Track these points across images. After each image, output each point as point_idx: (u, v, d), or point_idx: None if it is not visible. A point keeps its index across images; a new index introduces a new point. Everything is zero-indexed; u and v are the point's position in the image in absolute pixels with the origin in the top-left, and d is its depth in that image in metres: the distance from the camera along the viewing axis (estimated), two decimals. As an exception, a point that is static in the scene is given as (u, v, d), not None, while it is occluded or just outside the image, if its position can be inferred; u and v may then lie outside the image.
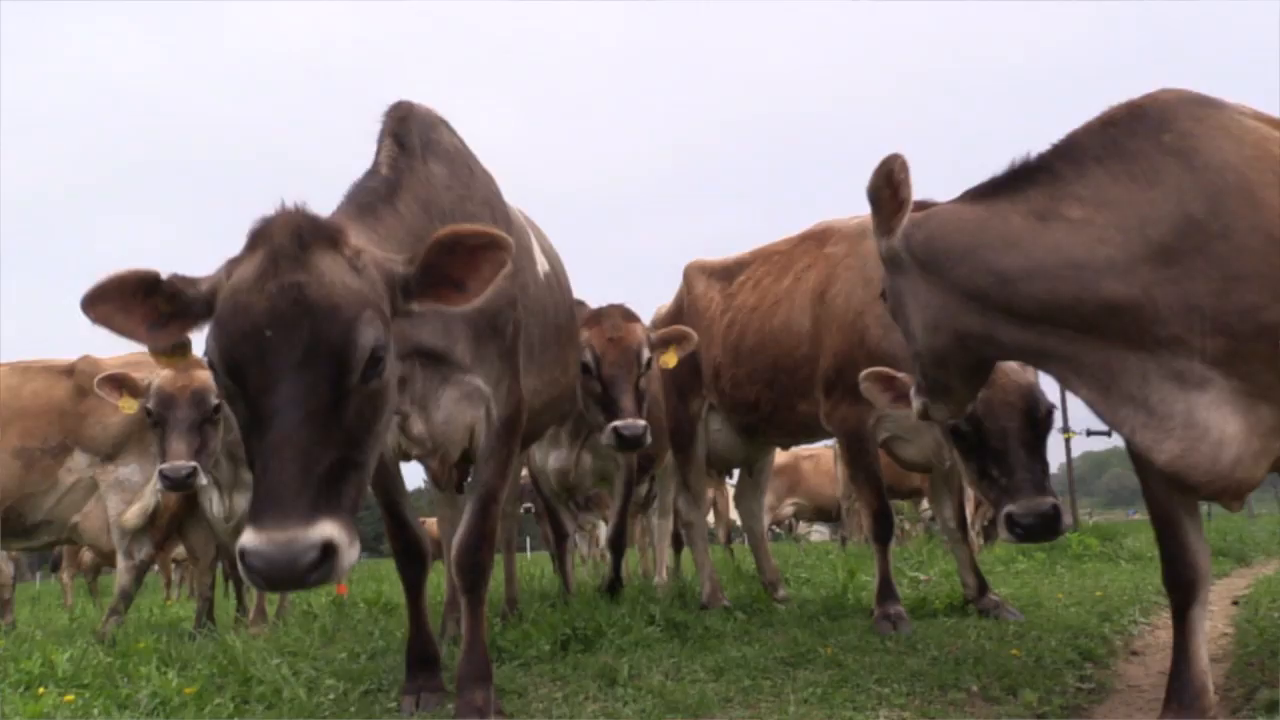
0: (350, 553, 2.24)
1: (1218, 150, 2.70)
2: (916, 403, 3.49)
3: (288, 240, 2.40)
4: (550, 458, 6.18)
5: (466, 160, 3.62)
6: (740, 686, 3.68)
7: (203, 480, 5.66)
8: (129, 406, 5.76)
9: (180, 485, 5.58)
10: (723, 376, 5.92)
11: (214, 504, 6.47)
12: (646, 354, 5.36)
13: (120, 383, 5.78)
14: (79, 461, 6.45)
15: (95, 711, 3.23)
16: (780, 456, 14.96)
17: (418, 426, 3.36)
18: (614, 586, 6.09)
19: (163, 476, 5.55)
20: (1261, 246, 2.60)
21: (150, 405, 5.75)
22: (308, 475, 2.22)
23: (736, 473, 7.43)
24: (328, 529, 2.18)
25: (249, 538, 2.15)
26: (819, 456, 16.53)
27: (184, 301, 2.49)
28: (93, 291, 2.45)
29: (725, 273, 6.23)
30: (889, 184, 3.07)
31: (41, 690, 3.61)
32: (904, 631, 4.84)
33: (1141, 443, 2.79)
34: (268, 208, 2.53)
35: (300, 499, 2.19)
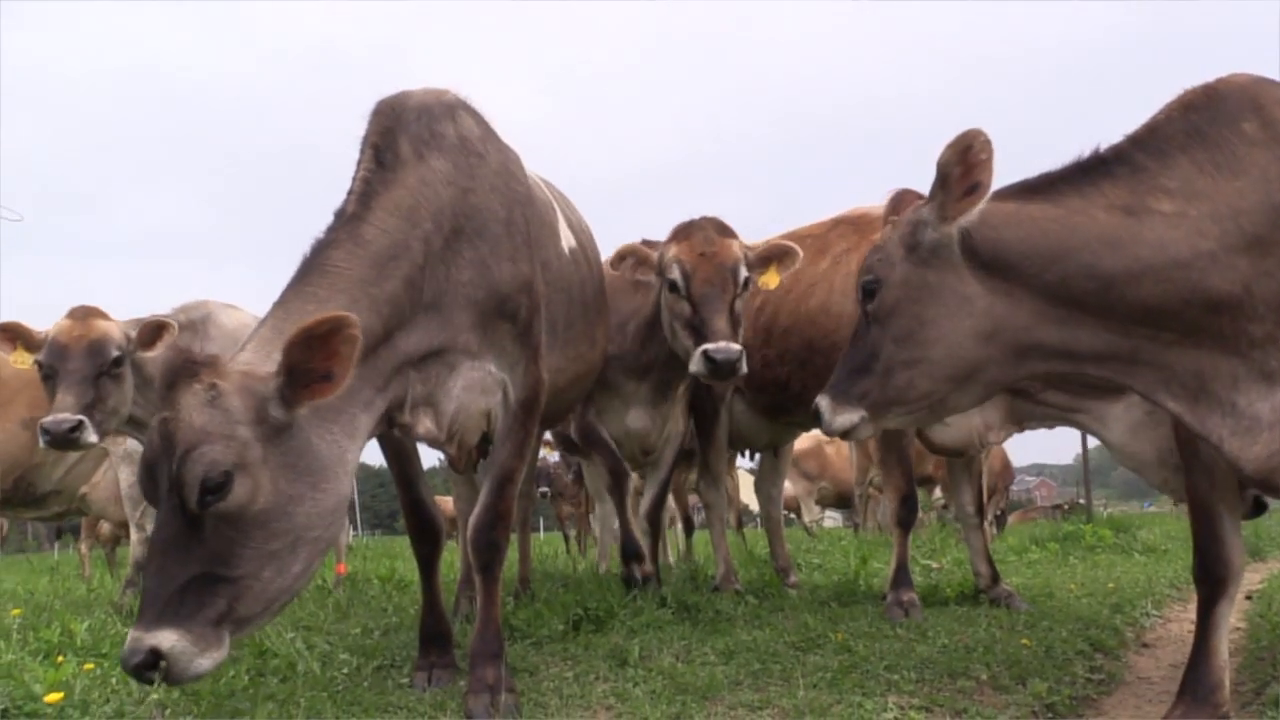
0: (198, 661, 2.51)
1: None
2: (845, 418, 3.02)
3: (162, 381, 2.70)
4: (630, 417, 5.56)
5: (477, 147, 3.52)
6: (750, 670, 3.70)
7: (91, 438, 5.04)
8: (22, 361, 5.26)
9: (62, 441, 4.95)
10: (751, 356, 5.93)
11: (124, 480, 6.28)
12: (744, 272, 4.82)
13: (14, 334, 5.26)
14: (88, 435, 6.50)
15: (113, 680, 3.27)
16: (804, 441, 14.99)
17: (424, 425, 3.32)
18: (633, 578, 5.51)
19: (43, 431, 4.93)
20: None
21: (41, 357, 5.18)
22: (159, 590, 2.54)
23: (751, 457, 7.41)
24: (160, 637, 2.47)
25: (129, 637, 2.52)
26: (839, 441, 16.53)
27: None
28: None
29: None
30: (963, 162, 2.72)
31: (61, 659, 3.66)
32: (915, 618, 4.85)
33: (1230, 451, 2.67)
34: None
35: (150, 609, 2.53)
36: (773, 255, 4.96)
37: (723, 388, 5.23)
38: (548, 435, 7.07)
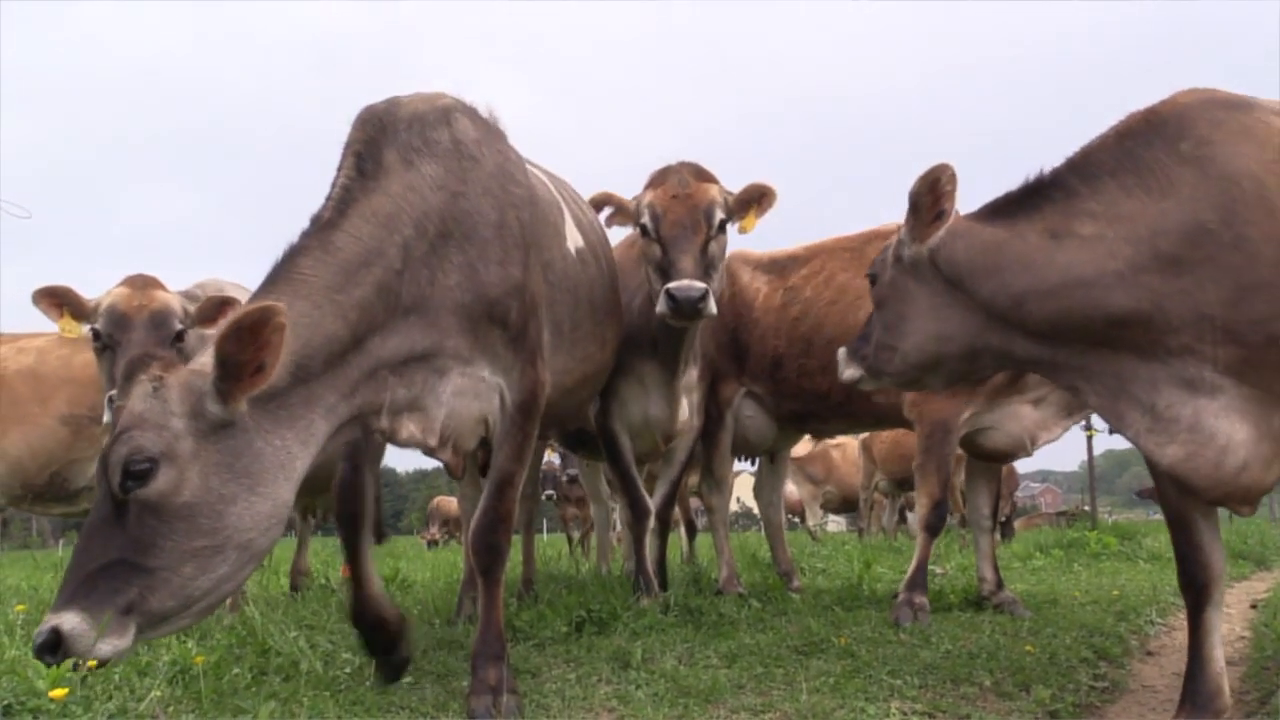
0: (97, 646, 2.53)
1: (1236, 156, 2.68)
2: (851, 371, 3.62)
3: (123, 371, 2.80)
4: (650, 405, 5.43)
5: (471, 150, 3.49)
6: (753, 674, 3.70)
7: None
8: (71, 330, 4.88)
9: None
10: (786, 366, 5.94)
11: None
12: (719, 215, 4.71)
13: (61, 299, 4.89)
14: None
15: (116, 678, 3.27)
16: (809, 445, 14.97)
17: (407, 429, 3.27)
18: (649, 582, 5.39)
19: (110, 404, 4.36)
20: (1275, 256, 2.59)
21: (100, 326, 4.82)
22: (76, 571, 2.61)
23: (753, 462, 7.39)
24: (63, 618, 2.53)
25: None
26: (845, 446, 16.51)
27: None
28: None
29: (775, 265, 6.24)
30: (932, 192, 3.18)
31: (64, 655, 3.66)
32: (922, 623, 4.86)
33: (1146, 446, 2.85)
34: None
35: (64, 590, 2.59)
36: (751, 198, 4.84)
37: (689, 325, 4.91)
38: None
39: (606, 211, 4.93)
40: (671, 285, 4.43)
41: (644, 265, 4.88)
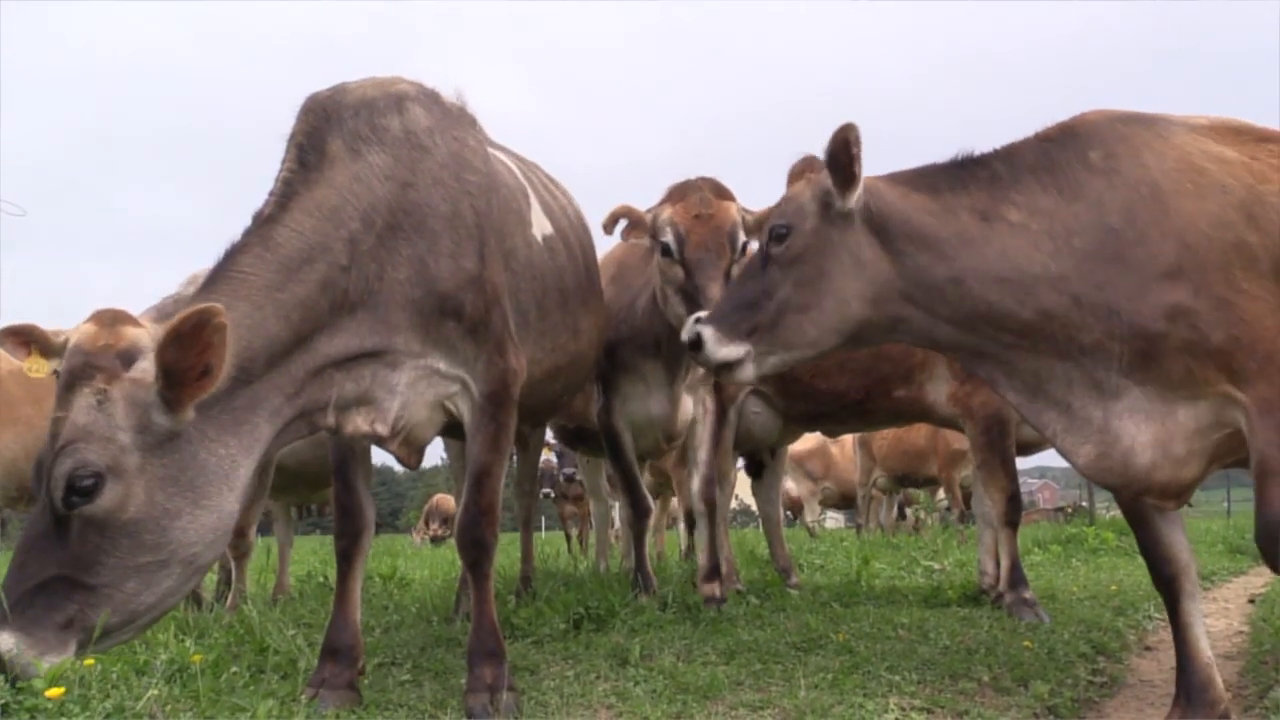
0: (37, 665, 2.52)
1: (1138, 165, 2.90)
2: (730, 350, 3.25)
3: (61, 379, 2.81)
4: (652, 404, 5.33)
5: (423, 140, 3.37)
6: (751, 670, 3.69)
7: None
8: (39, 368, 4.87)
9: None
10: (799, 367, 5.92)
11: None
12: (742, 237, 4.61)
13: (27, 338, 4.99)
14: None
15: (113, 676, 3.26)
16: (807, 441, 14.95)
17: (353, 424, 3.19)
18: (648, 578, 5.40)
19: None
20: (1173, 249, 2.79)
21: (61, 367, 4.87)
22: (14, 588, 2.53)
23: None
24: (1, 640, 2.50)
25: None
26: (843, 442, 16.50)
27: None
28: None
29: None
30: (846, 151, 3.05)
31: (61, 654, 3.66)
32: (1044, 618, 4.91)
33: (1063, 446, 2.99)
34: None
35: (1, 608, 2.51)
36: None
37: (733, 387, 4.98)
38: (548, 437, 7.03)
39: (623, 224, 4.82)
40: (704, 316, 4.36)
41: (662, 283, 4.74)
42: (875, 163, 3.10)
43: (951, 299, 3.00)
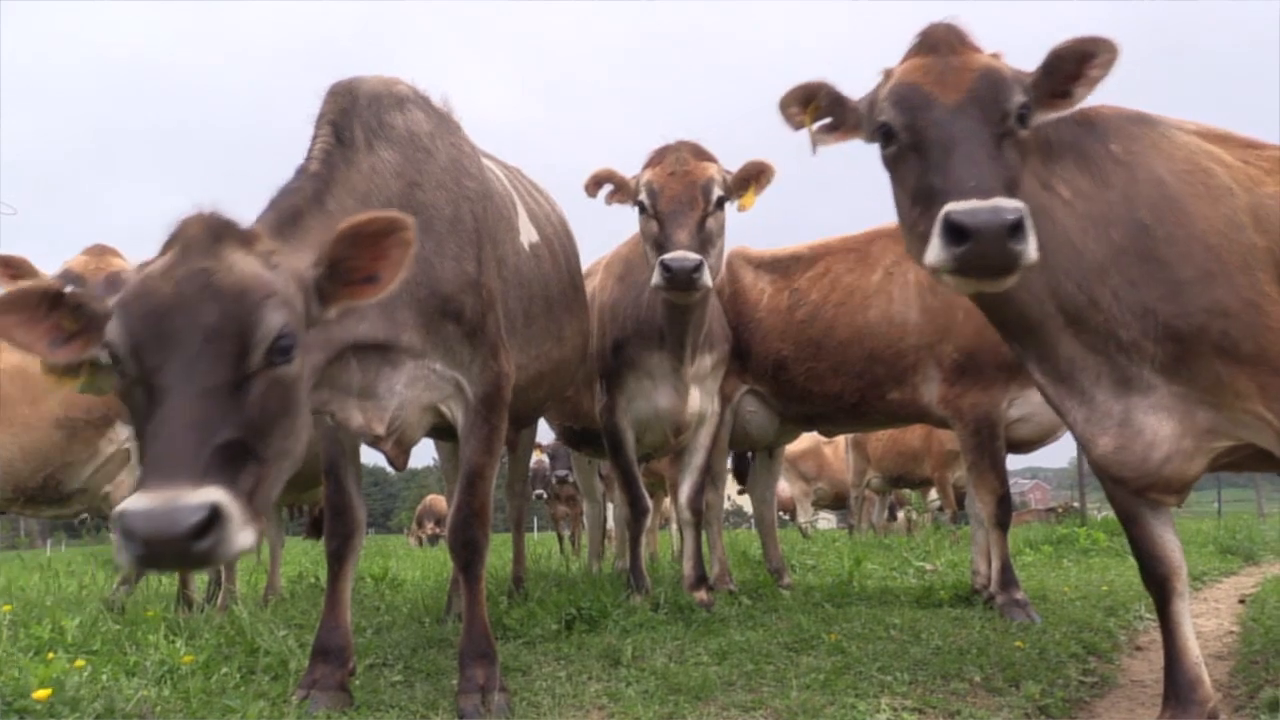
0: (244, 534, 2.09)
1: (1153, 164, 2.87)
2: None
3: (200, 235, 2.38)
4: (658, 397, 5.38)
5: (425, 143, 3.43)
6: (743, 670, 3.70)
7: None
8: None
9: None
10: (793, 369, 5.90)
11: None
12: (717, 191, 4.71)
13: (17, 269, 4.70)
14: (120, 433, 6.46)
15: (104, 677, 3.25)
16: (801, 442, 14.97)
17: (356, 420, 3.21)
18: (641, 579, 5.42)
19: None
20: (1200, 251, 2.76)
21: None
22: (200, 445, 2.12)
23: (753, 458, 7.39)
24: (217, 494, 2.05)
25: (130, 501, 2.03)
26: (836, 442, 16.52)
27: (87, 316, 2.43)
28: None
29: (778, 265, 6.21)
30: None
31: (51, 655, 3.64)
32: (1035, 619, 4.92)
33: (1083, 434, 2.98)
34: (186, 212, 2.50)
35: (191, 464, 2.08)
36: (749, 175, 4.83)
37: (684, 299, 4.77)
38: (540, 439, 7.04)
39: (607, 189, 4.92)
40: (666, 256, 4.43)
41: (644, 245, 4.86)
42: (871, 165, 3.07)
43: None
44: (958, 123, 2.67)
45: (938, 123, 2.69)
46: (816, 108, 3.05)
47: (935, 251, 2.51)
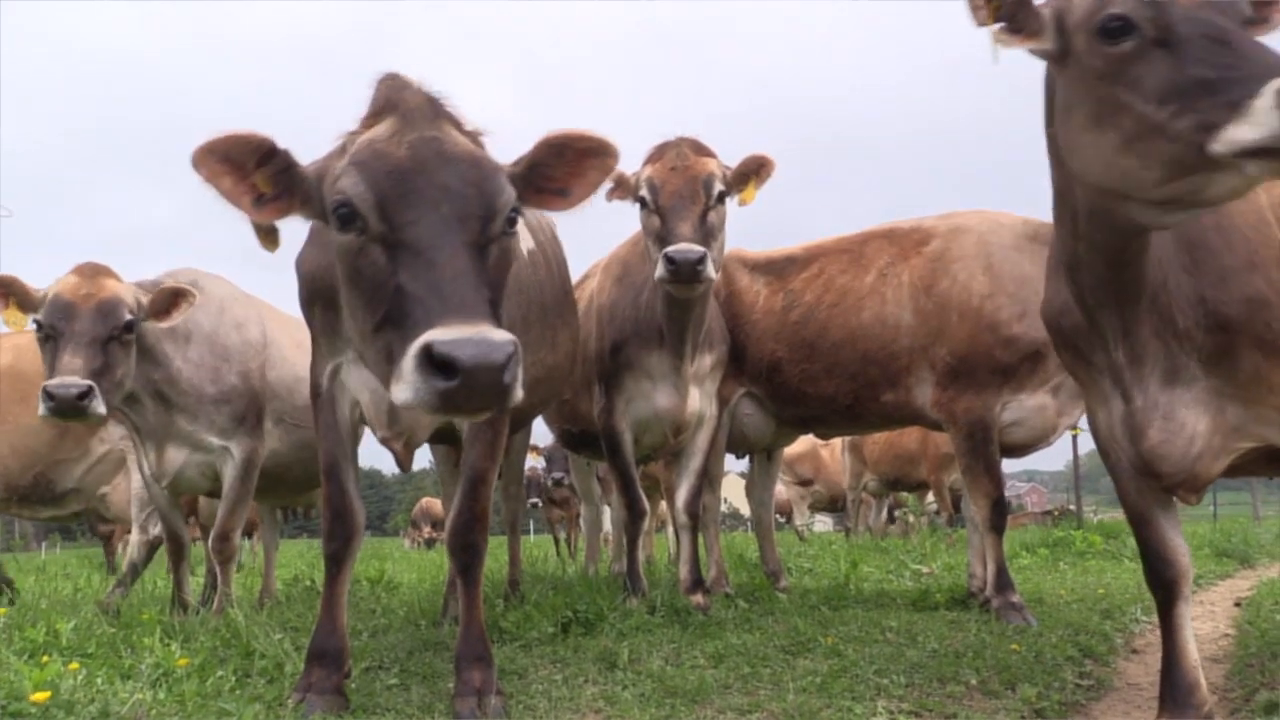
0: (520, 382, 2.23)
1: None
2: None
3: (422, 106, 2.47)
4: (658, 397, 5.36)
5: None
6: (739, 673, 3.69)
7: (100, 409, 4.42)
8: (16, 321, 4.63)
9: (69, 409, 4.33)
10: (787, 371, 5.91)
11: (144, 460, 5.39)
12: (719, 186, 4.75)
13: (6, 288, 4.66)
14: (112, 432, 6.44)
15: (99, 681, 3.25)
16: (798, 445, 14.99)
17: (369, 414, 3.31)
18: (637, 581, 5.44)
19: (46, 395, 4.32)
20: (1240, 242, 2.76)
21: (43, 316, 4.55)
22: (479, 291, 2.25)
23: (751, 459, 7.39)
24: (507, 339, 2.18)
25: (439, 333, 2.12)
26: (834, 445, 16.53)
27: (292, 180, 2.51)
28: (207, 145, 2.42)
29: (772, 267, 6.21)
30: None
31: (46, 658, 3.63)
32: (1031, 622, 4.92)
33: (1138, 424, 2.94)
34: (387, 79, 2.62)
35: (484, 305, 2.23)
36: (749, 169, 4.86)
37: (687, 291, 4.76)
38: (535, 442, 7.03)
39: (606, 185, 4.91)
40: (670, 248, 4.46)
41: (646, 240, 4.87)
42: (867, 163, 3.12)
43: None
44: None
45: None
46: (998, 6, 2.57)
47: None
